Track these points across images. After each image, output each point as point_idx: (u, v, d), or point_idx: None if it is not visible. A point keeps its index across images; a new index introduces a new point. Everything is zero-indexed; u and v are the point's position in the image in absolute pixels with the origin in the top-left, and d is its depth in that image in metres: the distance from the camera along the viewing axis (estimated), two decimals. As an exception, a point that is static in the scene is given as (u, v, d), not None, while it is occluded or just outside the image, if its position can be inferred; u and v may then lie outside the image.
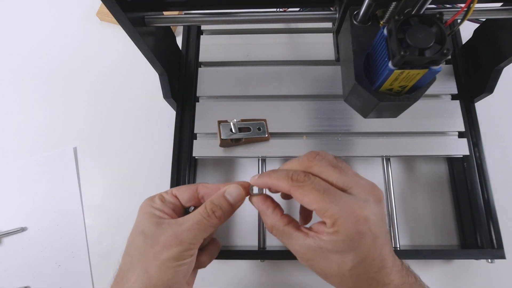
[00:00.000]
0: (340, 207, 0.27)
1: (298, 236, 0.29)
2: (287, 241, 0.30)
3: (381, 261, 0.28)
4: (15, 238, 0.49)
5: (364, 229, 0.27)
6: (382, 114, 0.32)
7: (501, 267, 0.45)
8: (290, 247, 0.30)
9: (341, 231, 0.27)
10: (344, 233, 0.27)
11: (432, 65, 0.24)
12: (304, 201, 0.28)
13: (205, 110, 0.48)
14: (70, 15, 0.62)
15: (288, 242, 0.30)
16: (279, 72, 0.49)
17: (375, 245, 0.27)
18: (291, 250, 0.30)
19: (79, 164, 0.53)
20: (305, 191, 0.28)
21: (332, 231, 0.27)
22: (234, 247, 0.47)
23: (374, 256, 0.28)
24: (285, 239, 0.30)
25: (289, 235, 0.30)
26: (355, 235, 0.27)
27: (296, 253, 0.30)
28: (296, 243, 0.29)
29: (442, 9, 0.35)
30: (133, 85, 0.57)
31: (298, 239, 0.29)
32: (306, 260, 0.30)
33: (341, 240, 0.27)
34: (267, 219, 0.31)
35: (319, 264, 0.29)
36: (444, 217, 0.47)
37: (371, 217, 0.27)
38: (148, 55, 0.38)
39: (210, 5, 0.37)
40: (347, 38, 0.31)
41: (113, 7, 0.30)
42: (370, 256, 0.27)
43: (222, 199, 0.32)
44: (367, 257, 0.27)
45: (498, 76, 0.44)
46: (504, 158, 0.51)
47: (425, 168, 0.50)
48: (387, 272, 0.28)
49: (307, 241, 0.28)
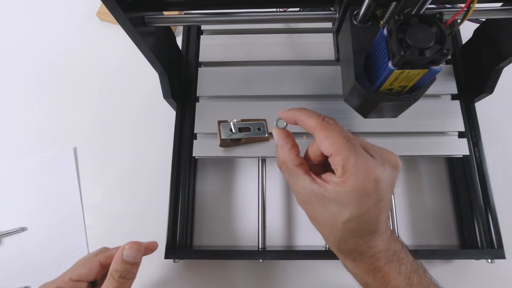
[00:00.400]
0: (357, 159, 0.27)
1: (305, 179, 0.30)
2: (293, 180, 0.31)
3: (375, 224, 0.28)
4: (15, 238, 0.49)
5: (372, 188, 0.27)
6: (382, 114, 0.32)
7: (501, 267, 0.45)
8: (293, 187, 0.31)
9: (348, 183, 0.27)
10: (350, 185, 0.27)
11: (432, 65, 0.24)
12: (325, 142, 0.28)
13: (205, 110, 0.48)
14: (70, 15, 0.62)
15: (294, 181, 0.31)
16: (279, 72, 0.49)
17: (376, 207, 0.28)
18: (293, 189, 0.31)
19: (79, 164, 0.53)
20: (331, 132, 0.28)
21: (339, 181, 0.27)
22: (234, 247, 0.47)
23: (371, 216, 0.28)
24: (292, 177, 0.31)
25: (296, 175, 0.30)
26: (361, 191, 0.27)
27: (297, 194, 0.31)
28: (301, 184, 0.30)
29: (442, 9, 0.35)
30: (133, 85, 0.57)
31: (304, 181, 0.30)
32: (304, 203, 0.30)
33: (345, 191, 0.27)
34: (282, 154, 0.32)
35: (315, 210, 0.29)
36: (444, 217, 0.47)
37: (383, 179, 0.27)
38: (148, 55, 0.38)
39: (210, 5, 0.37)
40: (347, 38, 0.31)
41: (113, 7, 0.30)
42: (367, 215, 0.28)
43: (124, 264, 0.34)
44: (363, 215, 0.28)
45: (498, 76, 0.44)
46: (504, 158, 0.51)
47: (425, 168, 0.50)
48: (375, 236, 0.29)
49: (312, 186, 0.29)
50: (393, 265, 0.29)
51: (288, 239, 0.47)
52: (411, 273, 0.30)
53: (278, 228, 0.47)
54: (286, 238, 0.47)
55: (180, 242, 0.43)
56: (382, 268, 0.29)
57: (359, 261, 0.30)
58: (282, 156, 0.32)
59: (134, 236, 0.48)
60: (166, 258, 0.42)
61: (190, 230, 0.46)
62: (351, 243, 0.29)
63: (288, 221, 0.48)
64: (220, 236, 0.47)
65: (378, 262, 0.29)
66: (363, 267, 0.29)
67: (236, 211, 0.48)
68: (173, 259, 0.43)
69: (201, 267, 0.47)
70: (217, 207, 0.49)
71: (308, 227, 0.47)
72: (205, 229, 0.48)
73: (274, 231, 0.47)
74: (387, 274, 0.29)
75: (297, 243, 0.47)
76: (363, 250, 0.29)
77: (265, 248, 0.45)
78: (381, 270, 0.29)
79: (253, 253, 0.44)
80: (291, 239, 0.47)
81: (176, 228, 0.44)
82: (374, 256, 0.29)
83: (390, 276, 0.29)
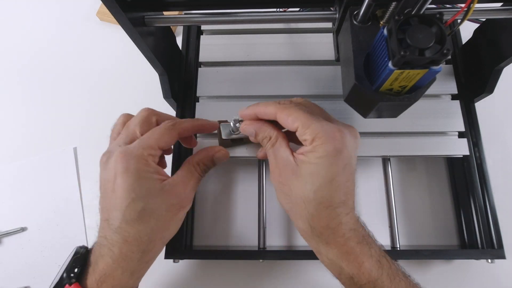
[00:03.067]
0: (322, 125, 0.29)
1: (286, 151, 0.32)
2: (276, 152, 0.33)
3: (345, 193, 0.30)
4: (15, 238, 0.49)
5: (341, 147, 0.29)
6: (382, 114, 0.32)
7: (501, 267, 0.45)
8: (274, 160, 0.33)
9: (318, 147, 0.29)
10: (321, 150, 0.29)
11: (432, 65, 0.24)
12: (288, 120, 0.30)
13: (205, 110, 0.48)
14: (70, 15, 0.62)
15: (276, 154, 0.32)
16: (279, 72, 0.49)
17: (344, 172, 0.29)
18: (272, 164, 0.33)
19: (79, 164, 0.53)
20: (291, 111, 0.31)
21: (311, 148, 0.29)
22: (234, 247, 0.47)
23: (340, 183, 0.29)
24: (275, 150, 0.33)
25: (279, 147, 0.32)
26: (330, 153, 0.29)
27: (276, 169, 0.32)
28: (282, 156, 0.32)
29: (442, 9, 0.35)
30: (133, 85, 0.57)
31: (285, 153, 0.32)
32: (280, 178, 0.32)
33: (316, 156, 0.29)
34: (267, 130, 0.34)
35: (290, 183, 0.31)
36: (444, 217, 0.47)
37: (348, 143, 0.30)
38: (148, 55, 0.38)
39: (210, 5, 0.37)
40: (347, 38, 0.31)
41: (113, 7, 0.30)
42: (337, 181, 0.29)
43: (211, 162, 0.37)
44: (334, 180, 0.29)
45: (498, 76, 0.44)
46: (504, 158, 0.51)
47: (425, 168, 0.50)
48: (347, 209, 0.30)
49: (290, 157, 0.31)
50: (364, 247, 0.30)
51: (288, 239, 0.47)
52: (381, 257, 0.31)
53: (278, 228, 0.47)
54: (286, 238, 0.47)
55: (180, 242, 0.43)
56: (354, 249, 0.30)
57: (332, 243, 0.30)
58: (267, 131, 0.33)
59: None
60: (166, 258, 0.42)
61: (190, 230, 0.46)
62: (324, 216, 0.30)
63: (288, 221, 0.48)
64: (220, 236, 0.47)
65: (350, 242, 0.30)
66: (336, 248, 0.30)
67: (236, 211, 0.48)
68: (173, 259, 0.43)
69: (201, 267, 0.47)
70: (217, 207, 0.49)
71: (308, 227, 0.47)
72: (205, 229, 0.48)
73: (274, 231, 0.47)
74: (359, 256, 0.30)
75: (297, 243, 0.47)
76: (335, 227, 0.30)
77: (265, 248, 0.45)
78: (353, 252, 0.30)
79: (253, 253, 0.44)
80: (291, 239, 0.47)
81: (176, 228, 0.44)
82: (345, 235, 0.30)
83: (363, 258, 0.30)
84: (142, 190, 0.30)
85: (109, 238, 0.30)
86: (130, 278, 0.31)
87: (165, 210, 0.31)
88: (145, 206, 0.30)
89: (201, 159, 0.36)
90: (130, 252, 0.30)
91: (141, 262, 0.31)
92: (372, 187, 0.48)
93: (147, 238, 0.30)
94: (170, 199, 0.32)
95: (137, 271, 0.31)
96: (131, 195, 0.30)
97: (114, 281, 0.30)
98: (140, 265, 0.31)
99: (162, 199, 0.31)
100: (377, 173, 0.49)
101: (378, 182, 0.48)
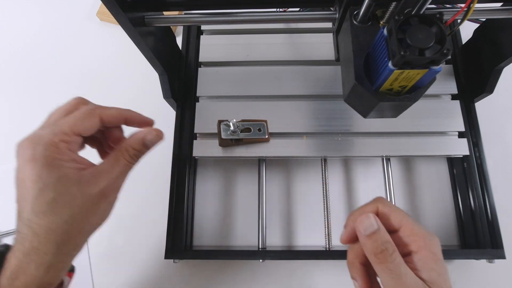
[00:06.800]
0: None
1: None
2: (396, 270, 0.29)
3: None
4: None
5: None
6: (382, 114, 0.32)
7: (501, 267, 0.45)
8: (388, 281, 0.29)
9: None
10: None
11: (432, 65, 0.24)
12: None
13: (205, 110, 0.48)
14: (70, 15, 0.62)
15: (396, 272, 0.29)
16: (279, 72, 0.49)
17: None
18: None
19: (79, 164, 0.52)
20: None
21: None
22: (234, 247, 0.47)
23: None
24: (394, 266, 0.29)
25: (399, 264, 0.29)
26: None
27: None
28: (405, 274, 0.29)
29: (442, 9, 0.35)
30: (133, 85, 0.57)
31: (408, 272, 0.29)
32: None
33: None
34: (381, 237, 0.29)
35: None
36: (444, 217, 0.47)
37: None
38: (148, 55, 0.38)
39: (210, 5, 0.37)
40: (347, 38, 0.31)
41: (113, 7, 0.30)
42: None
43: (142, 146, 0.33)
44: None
45: (498, 76, 0.44)
46: (504, 158, 0.51)
47: (425, 168, 0.50)
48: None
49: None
50: None
51: (288, 239, 0.47)
52: None
53: (278, 228, 0.47)
54: (286, 238, 0.47)
55: (180, 242, 0.43)
56: None
57: None
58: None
59: (134, 235, 0.48)
60: (166, 258, 0.42)
61: (190, 230, 0.46)
62: None
63: (288, 221, 0.48)
64: (220, 236, 0.47)
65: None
66: None
67: (236, 211, 0.48)
68: (173, 259, 0.43)
69: (201, 267, 0.47)
70: (217, 207, 0.49)
71: (308, 227, 0.47)
72: (205, 229, 0.48)
73: (274, 231, 0.47)
74: None
75: (297, 243, 0.47)
76: None
77: (265, 248, 0.45)
78: None
79: (253, 253, 0.44)
80: (291, 239, 0.47)
81: (176, 228, 0.44)
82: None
83: None
84: (51, 179, 0.28)
85: (21, 232, 0.29)
86: (47, 272, 0.29)
87: (81, 201, 0.29)
88: (56, 197, 0.28)
89: (130, 144, 0.33)
90: (42, 245, 0.28)
91: (58, 255, 0.29)
92: (372, 187, 0.48)
93: (61, 230, 0.28)
94: (88, 189, 0.29)
95: (54, 264, 0.29)
96: (39, 185, 0.28)
97: (26, 276, 0.28)
98: (57, 258, 0.29)
99: (78, 188, 0.29)
100: (377, 173, 0.49)
101: (378, 182, 0.48)
